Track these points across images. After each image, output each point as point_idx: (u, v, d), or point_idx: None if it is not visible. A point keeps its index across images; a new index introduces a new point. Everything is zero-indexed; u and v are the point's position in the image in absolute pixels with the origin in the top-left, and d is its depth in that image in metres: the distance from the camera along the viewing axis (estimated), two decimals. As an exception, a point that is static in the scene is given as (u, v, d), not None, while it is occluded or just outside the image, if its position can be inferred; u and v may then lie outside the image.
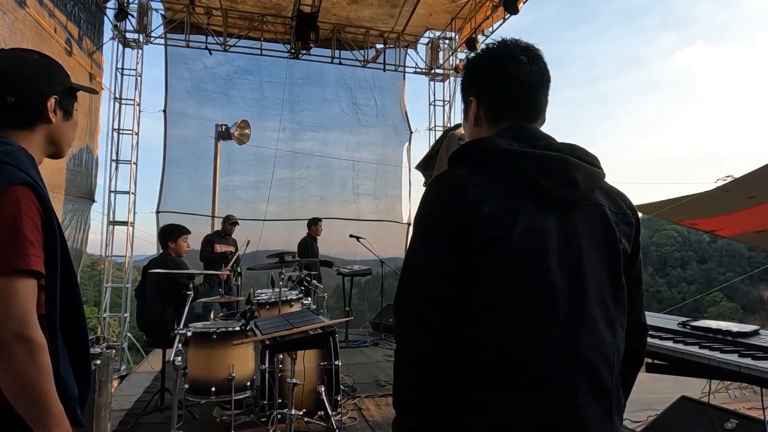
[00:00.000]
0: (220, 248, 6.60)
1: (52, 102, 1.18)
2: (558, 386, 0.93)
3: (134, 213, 7.99)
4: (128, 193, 7.92)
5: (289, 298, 4.05)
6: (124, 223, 7.87)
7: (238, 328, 3.56)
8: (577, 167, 1.01)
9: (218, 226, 8.33)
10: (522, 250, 0.95)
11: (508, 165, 1.00)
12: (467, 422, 0.97)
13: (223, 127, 8.55)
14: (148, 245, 9.06)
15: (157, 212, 8.07)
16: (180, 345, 3.09)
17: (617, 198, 1.08)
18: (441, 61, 9.32)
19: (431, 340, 0.98)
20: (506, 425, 0.93)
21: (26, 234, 1.01)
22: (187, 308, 3.36)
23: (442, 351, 0.98)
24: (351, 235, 6.99)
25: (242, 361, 3.58)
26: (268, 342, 2.09)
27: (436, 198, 1.02)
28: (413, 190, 9.58)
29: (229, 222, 6.88)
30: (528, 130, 1.09)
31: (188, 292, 3.40)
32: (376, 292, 7.80)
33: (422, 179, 8.55)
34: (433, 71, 9.39)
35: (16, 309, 0.98)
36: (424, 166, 8.52)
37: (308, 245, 7.23)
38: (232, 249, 6.74)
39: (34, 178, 1.08)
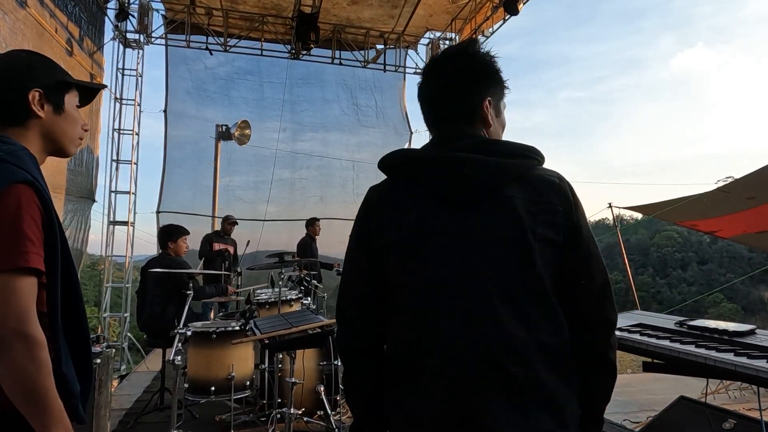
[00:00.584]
0: (218, 248, 6.63)
1: (34, 96, 1.16)
2: (456, 381, 0.95)
3: (134, 213, 8.00)
4: (128, 193, 7.93)
5: (288, 298, 4.06)
6: (125, 223, 7.88)
7: (237, 328, 3.57)
8: (479, 165, 1.02)
9: (218, 227, 8.37)
10: (412, 250, 1.02)
11: (406, 172, 1.09)
12: (392, 418, 1.04)
13: (224, 128, 8.58)
14: (148, 245, 9.07)
15: (158, 212, 8.10)
16: (180, 344, 3.10)
17: (542, 187, 1.03)
18: (441, 62, 9.33)
19: (353, 336, 1.11)
20: (417, 420, 0.98)
21: (26, 232, 1.02)
22: (187, 307, 3.37)
23: (365, 347, 1.10)
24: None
25: (242, 361, 3.59)
26: (267, 341, 2.10)
27: (360, 207, 1.14)
28: (413, 190, 9.61)
29: (229, 222, 6.92)
30: (447, 135, 1.11)
31: (188, 292, 3.42)
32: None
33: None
34: (433, 72, 9.40)
35: (15, 306, 0.99)
36: (424, 166, 8.61)
37: (307, 246, 7.25)
38: (231, 248, 6.77)
39: (35, 176, 1.09)
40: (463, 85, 1.13)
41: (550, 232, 1.00)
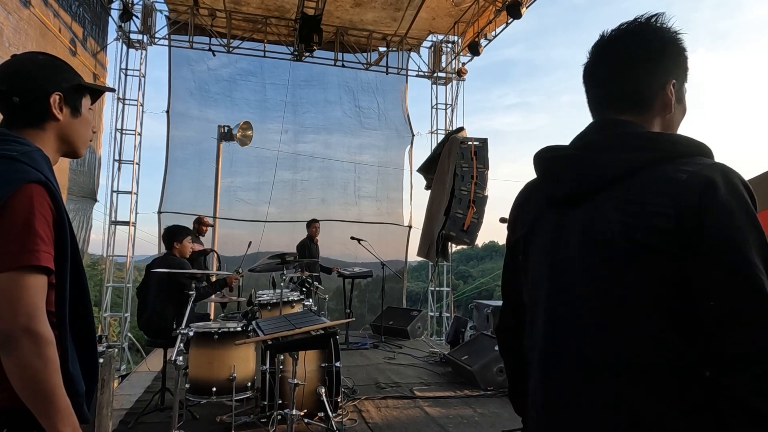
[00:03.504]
0: (195, 248, 6.63)
1: (55, 99, 1.19)
2: (545, 387, 0.99)
3: (136, 213, 8.03)
4: (130, 193, 7.95)
5: (290, 299, 4.07)
6: (126, 223, 7.90)
7: (239, 329, 3.58)
8: (578, 163, 0.97)
9: (220, 228, 8.39)
10: (526, 250, 1.05)
11: (535, 168, 1.09)
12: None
13: (226, 129, 8.57)
14: (149, 245, 9.09)
15: (159, 213, 8.10)
16: (182, 344, 3.11)
17: (650, 185, 0.87)
18: (443, 65, 9.36)
19: (501, 318, 1.22)
20: (530, 416, 1.06)
21: (38, 231, 1.04)
22: (189, 308, 3.38)
23: (508, 329, 1.18)
24: (352, 237, 7.02)
25: (243, 362, 3.60)
26: (270, 342, 2.11)
27: None
28: (415, 192, 9.62)
29: (201, 223, 6.88)
30: (589, 126, 1.05)
31: (190, 292, 3.43)
32: (376, 295, 7.81)
33: (424, 182, 8.61)
34: (435, 74, 9.43)
35: (24, 303, 1.00)
36: (426, 168, 8.58)
37: (306, 247, 7.25)
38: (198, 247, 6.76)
39: (48, 177, 1.11)
40: (604, 65, 1.02)
41: (652, 239, 0.84)
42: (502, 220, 3.96)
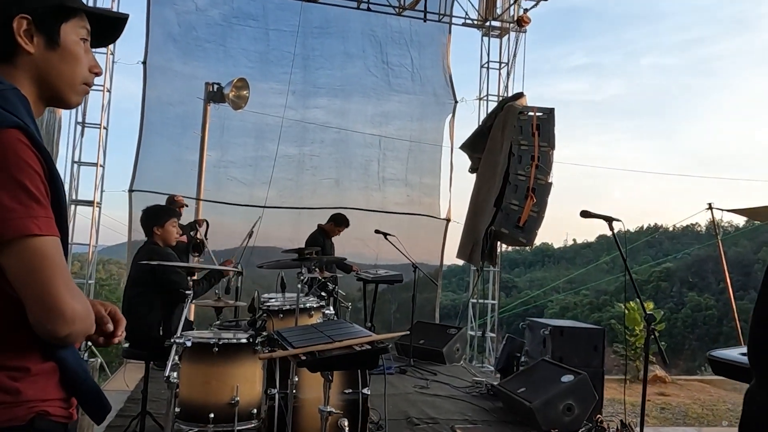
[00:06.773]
0: None
1: (20, 23, 1.15)
2: None
3: (102, 191, 8.15)
4: (96, 165, 8.07)
5: (308, 306, 4.11)
6: (89, 203, 8.02)
7: (244, 340, 3.64)
8: None
9: (205, 214, 8.48)
10: None
11: None
12: None
13: (215, 87, 8.61)
14: (114, 234, 9.22)
15: (130, 191, 8.20)
16: (177, 357, 3.17)
17: None
18: (499, 11, 9.30)
19: None
20: None
21: (30, 189, 1.04)
22: (185, 311, 3.44)
23: None
24: (377, 231, 7.04)
25: (249, 383, 3.65)
26: (304, 357, 2.14)
27: None
28: (456, 176, 9.56)
29: (173, 203, 6.97)
30: None
31: (187, 292, 3.48)
32: (394, 307, 7.79)
33: (468, 163, 8.59)
34: (488, 24, 9.38)
35: (54, 285, 1.05)
36: (472, 146, 8.58)
37: (318, 243, 7.28)
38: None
39: (26, 122, 1.08)
40: None
41: None
42: (584, 214, 3.93)
